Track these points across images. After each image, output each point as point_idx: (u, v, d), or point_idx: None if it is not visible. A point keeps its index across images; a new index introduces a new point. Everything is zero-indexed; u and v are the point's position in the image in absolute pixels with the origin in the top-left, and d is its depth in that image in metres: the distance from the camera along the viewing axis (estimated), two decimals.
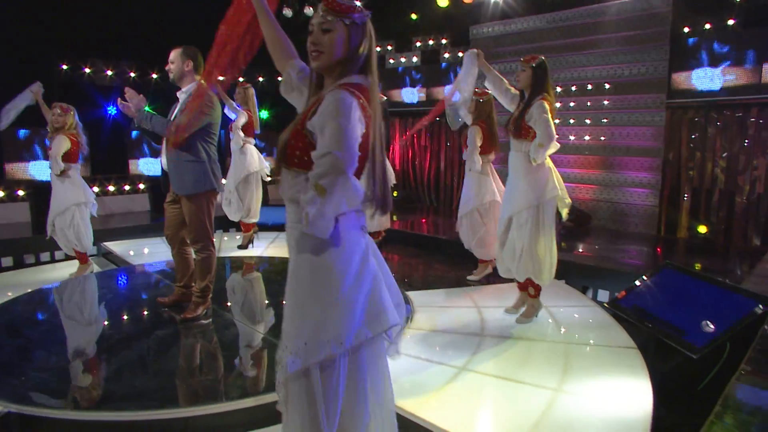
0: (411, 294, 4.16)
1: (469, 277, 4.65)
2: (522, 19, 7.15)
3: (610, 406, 2.52)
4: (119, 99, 3.38)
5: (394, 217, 6.76)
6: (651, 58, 6.11)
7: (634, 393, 2.64)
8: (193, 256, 3.62)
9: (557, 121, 5.09)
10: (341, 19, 1.55)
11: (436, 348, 3.24)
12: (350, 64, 1.59)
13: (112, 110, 7.63)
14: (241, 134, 5.38)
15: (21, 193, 6.59)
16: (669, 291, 3.85)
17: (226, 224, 6.77)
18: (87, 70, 7.66)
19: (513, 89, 3.65)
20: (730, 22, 5.68)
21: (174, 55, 3.41)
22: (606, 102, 6.49)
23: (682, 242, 5.99)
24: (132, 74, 8.14)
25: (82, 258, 4.81)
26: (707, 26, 5.83)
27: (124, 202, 7.33)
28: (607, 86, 6.47)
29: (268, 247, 5.90)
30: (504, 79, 3.64)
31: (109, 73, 7.78)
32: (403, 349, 3.11)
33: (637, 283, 4.02)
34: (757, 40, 5.48)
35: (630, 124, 6.27)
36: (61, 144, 4.55)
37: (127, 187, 7.39)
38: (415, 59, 8.58)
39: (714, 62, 5.74)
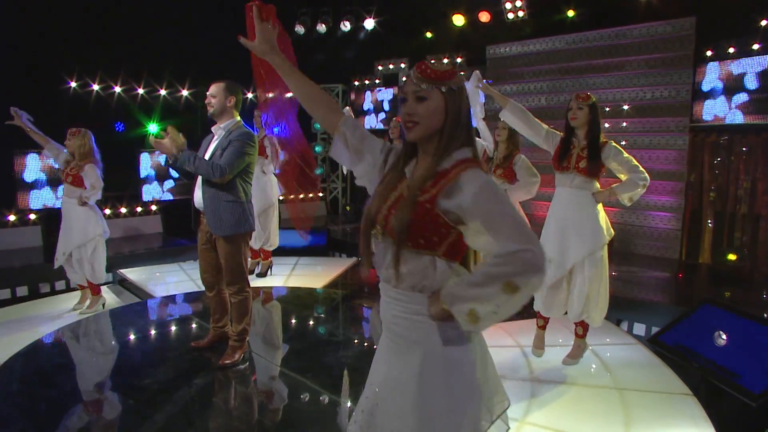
0: None
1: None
2: (541, 40, 7.10)
3: None
4: (151, 137, 3.23)
5: None
6: (674, 82, 6.07)
7: None
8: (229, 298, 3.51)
9: None
10: (437, 87, 1.45)
11: None
12: (450, 134, 1.48)
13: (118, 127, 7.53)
14: (267, 164, 5.28)
15: (33, 217, 6.44)
16: (711, 329, 3.77)
17: None
18: (95, 87, 7.53)
19: (545, 125, 3.58)
20: (755, 46, 5.66)
21: (216, 89, 3.28)
22: (625, 124, 6.44)
23: (706, 268, 5.95)
24: (140, 90, 8.03)
25: (95, 289, 4.65)
26: (731, 50, 5.81)
27: (136, 223, 7.17)
28: (625, 108, 6.43)
29: (290, 276, 5.78)
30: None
31: (118, 89, 7.64)
32: None
33: (677, 319, 3.96)
34: None
35: (652, 147, 6.23)
36: (95, 172, 4.44)
37: (139, 209, 7.23)
38: None
39: (737, 86, 5.72)
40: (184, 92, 8.46)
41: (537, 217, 6.46)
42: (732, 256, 5.59)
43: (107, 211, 6.91)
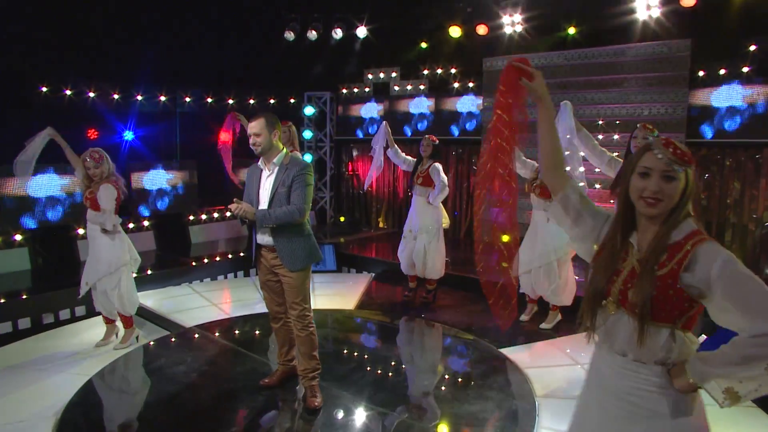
0: (504, 352, 4.14)
1: (542, 326, 4.70)
2: (540, 55, 7.31)
3: None
4: (232, 206, 3.11)
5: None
6: (670, 99, 6.45)
7: None
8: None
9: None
10: (685, 168, 1.50)
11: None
12: (683, 209, 1.53)
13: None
14: None
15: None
16: None
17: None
18: (68, 92, 7.04)
19: (607, 152, 3.75)
20: (745, 69, 6.11)
21: (259, 127, 3.15)
22: (616, 137, 6.77)
23: None
24: (115, 96, 7.58)
25: (127, 321, 4.39)
26: (722, 71, 6.24)
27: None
28: (617, 123, 6.76)
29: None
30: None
31: (91, 95, 7.19)
32: (550, 423, 3.12)
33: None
34: None
35: None
36: (110, 194, 4.14)
37: (131, 225, 6.81)
38: (422, 87, 8.55)
39: (729, 104, 6.16)
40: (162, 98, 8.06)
41: None
42: None
43: None
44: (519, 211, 7.78)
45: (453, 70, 8.28)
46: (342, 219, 9.01)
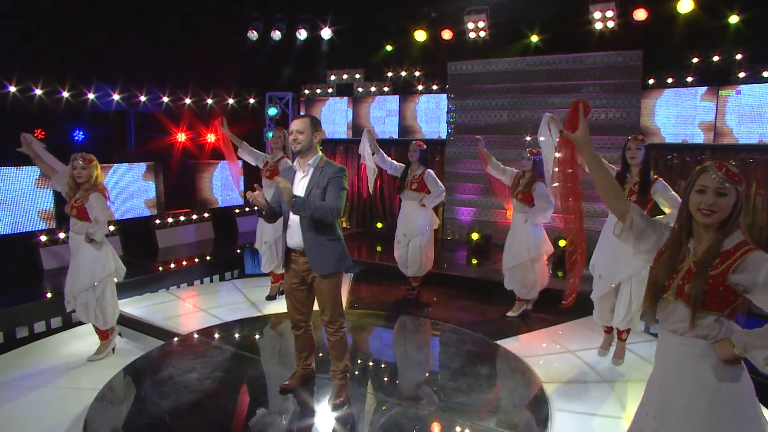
0: (501, 343, 4.37)
1: (508, 314, 5.08)
2: (503, 60, 7.68)
3: None
4: (249, 192, 3.08)
5: None
6: (624, 105, 7.00)
7: None
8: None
9: None
10: (736, 186, 1.81)
11: (583, 399, 3.50)
12: (733, 221, 1.85)
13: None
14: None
15: None
16: None
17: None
18: (12, 89, 6.61)
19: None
20: (689, 78, 6.75)
21: (302, 125, 3.17)
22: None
23: None
24: (65, 94, 7.19)
25: (103, 334, 4.18)
26: (669, 80, 6.86)
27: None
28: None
29: None
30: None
31: (38, 92, 6.79)
32: (561, 405, 3.36)
33: None
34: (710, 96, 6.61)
35: (607, 161, 7.10)
36: (103, 203, 3.96)
37: None
38: (386, 89, 8.69)
39: (676, 110, 6.78)
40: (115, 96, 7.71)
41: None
42: None
43: (61, 235, 6.11)
44: (494, 211, 8.06)
45: (417, 73, 8.49)
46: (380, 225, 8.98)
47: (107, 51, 7.22)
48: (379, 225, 8.89)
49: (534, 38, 7.33)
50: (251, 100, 9.21)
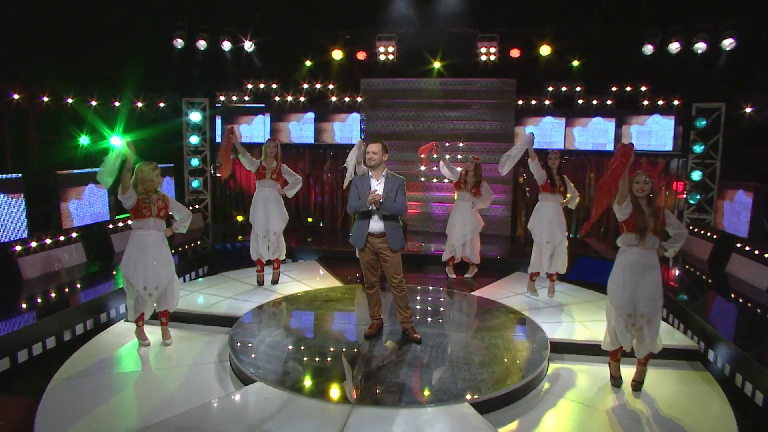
0: (474, 294, 6.03)
1: (466, 276, 6.97)
2: (410, 80, 9.36)
3: None
4: (374, 194, 4.34)
5: None
6: (502, 120, 9.26)
7: None
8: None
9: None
10: (651, 179, 3.79)
11: (543, 314, 5.33)
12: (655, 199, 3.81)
13: None
14: (288, 189, 6.04)
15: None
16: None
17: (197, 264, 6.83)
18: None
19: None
20: (546, 102, 9.27)
21: (378, 148, 4.46)
22: (461, 144, 9.33)
23: (523, 237, 9.38)
24: (45, 99, 6.87)
25: (167, 319, 4.75)
26: (533, 102, 9.31)
27: (60, 255, 6.25)
28: (463, 135, 9.34)
29: (300, 281, 6.53)
30: None
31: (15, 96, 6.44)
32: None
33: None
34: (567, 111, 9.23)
35: (491, 162, 9.27)
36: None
37: (62, 238, 6.28)
38: (302, 99, 9.67)
39: (538, 127, 9.26)
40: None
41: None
42: None
43: (33, 244, 5.90)
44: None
45: (331, 86, 9.66)
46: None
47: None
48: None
49: (437, 64, 9.15)
50: (161, 104, 9.24)
